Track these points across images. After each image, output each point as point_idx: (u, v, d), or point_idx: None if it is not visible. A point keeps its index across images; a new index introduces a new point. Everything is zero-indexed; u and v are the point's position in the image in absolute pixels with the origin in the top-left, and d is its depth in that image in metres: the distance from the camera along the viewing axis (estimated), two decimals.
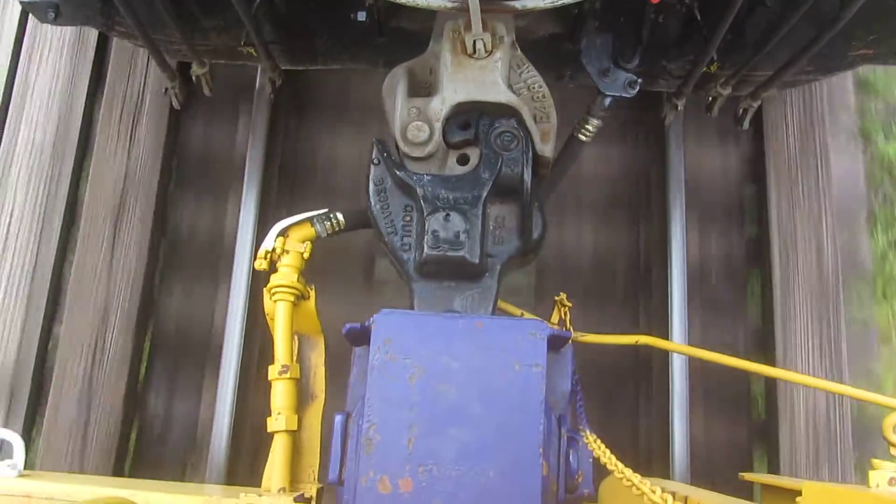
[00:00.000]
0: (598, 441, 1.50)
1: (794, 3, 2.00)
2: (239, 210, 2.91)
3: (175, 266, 3.03)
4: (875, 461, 1.49)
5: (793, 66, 2.16)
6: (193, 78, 2.47)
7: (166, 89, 2.52)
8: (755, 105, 2.47)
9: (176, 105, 2.63)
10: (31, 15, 2.40)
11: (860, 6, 1.88)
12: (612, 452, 1.40)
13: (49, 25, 2.42)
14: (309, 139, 3.20)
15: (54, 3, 2.22)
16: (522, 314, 2.06)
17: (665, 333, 2.74)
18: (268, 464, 1.74)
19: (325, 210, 1.87)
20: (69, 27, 3.00)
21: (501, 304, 1.96)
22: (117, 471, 2.71)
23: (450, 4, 1.70)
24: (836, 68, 2.37)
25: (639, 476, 1.22)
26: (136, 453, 2.84)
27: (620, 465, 1.30)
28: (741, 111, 2.52)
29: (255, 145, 2.96)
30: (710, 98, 2.44)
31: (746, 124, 2.56)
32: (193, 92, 2.68)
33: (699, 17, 2.13)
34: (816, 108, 3.04)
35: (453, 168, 1.79)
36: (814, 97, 3.05)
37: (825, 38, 2.00)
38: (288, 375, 1.75)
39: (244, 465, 2.77)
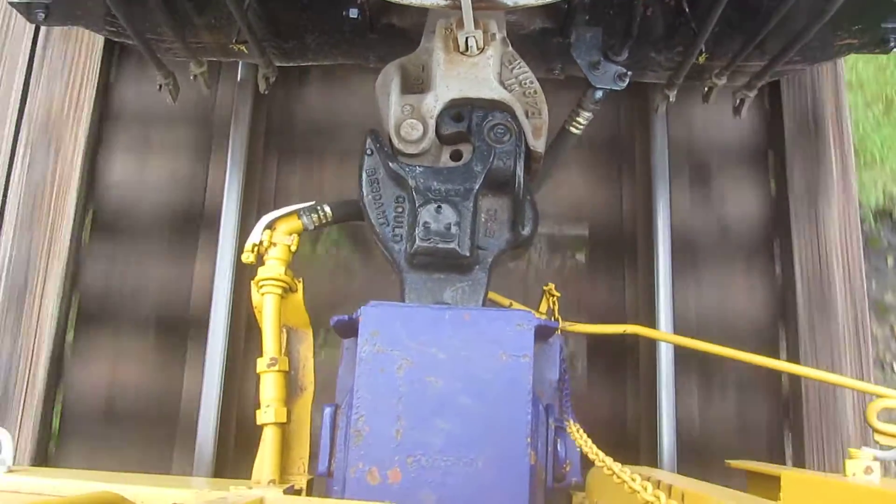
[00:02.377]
0: (581, 431, 1.51)
1: None
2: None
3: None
4: (852, 450, 1.49)
5: (783, 57, 2.14)
6: (191, 77, 2.43)
7: (161, 86, 2.46)
8: (751, 95, 2.46)
9: (171, 101, 2.55)
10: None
11: None
12: (594, 441, 1.41)
13: None
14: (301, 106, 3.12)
15: (44, 3, 2.17)
16: (511, 304, 2.07)
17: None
18: (258, 456, 1.73)
19: (313, 202, 1.87)
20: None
21: (490, 295, 1.97)
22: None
23: (442, 2, 1.69)
24: (822, 58, 2.36)
25: (619, 465, 1.23)
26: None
27: (601, 454, 1.31)
28: (738, 101, 2.52)
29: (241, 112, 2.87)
30: (707, 88, 2.43)
31: (744, 113, 2.56)
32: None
33: (687, 10, 2.12)
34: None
35: (447, 164, 1.79)
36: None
37: (814, 29, 1.98)
38: (276, 368, 1.76)
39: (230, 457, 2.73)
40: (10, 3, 2.14)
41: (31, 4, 2.16)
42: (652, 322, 2.66)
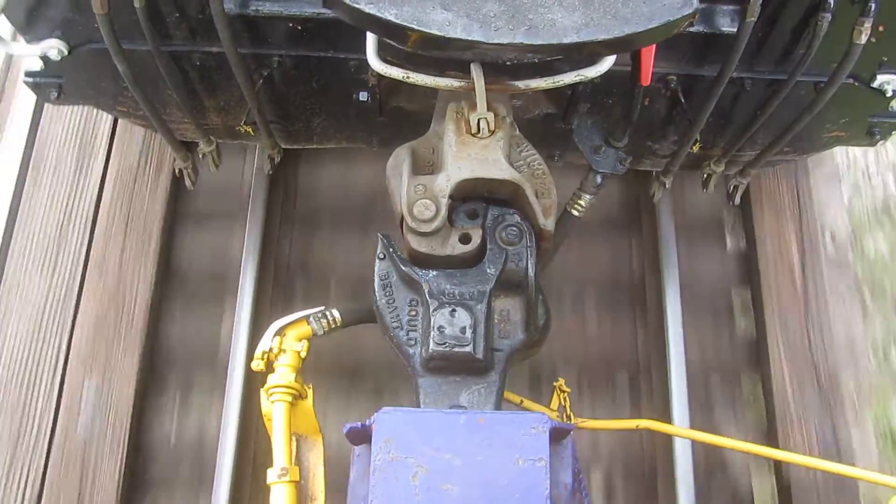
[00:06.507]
0: None
1: (773, 88, 2.03)
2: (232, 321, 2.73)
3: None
4: None
5: (773, 148, 2.17)
6: (200, 156, 2.39)
7: (180, 170, 2.43)
8: (744, 182, 2.49)
9: (189, 185, 2.51)
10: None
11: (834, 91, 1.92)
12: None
13: None
14: (306, 243, 3.07)
15: (57, 83, 2.13)
16: (521, 402, 2.06)
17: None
18: None
19: (322, 308, 1.83)
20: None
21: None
22: None
23: (456, 83, 1.70)
24: (812, 149, 2.40)
25: None
26: None
27: None
28: (731, 188, 2.54)
29: (250, 247, 2.82)
30: (705, 175, 2.46)
31: (737, 200, 2.59)
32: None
33: (683, 101, 2.15)
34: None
35: (455, 245, 1.76)
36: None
37: (803, 122, 2.02)
38: (287, 479, 1.66)
39: None
40: (24, 82, 2.11)
41: (44, 84, 2.13)
42: None
